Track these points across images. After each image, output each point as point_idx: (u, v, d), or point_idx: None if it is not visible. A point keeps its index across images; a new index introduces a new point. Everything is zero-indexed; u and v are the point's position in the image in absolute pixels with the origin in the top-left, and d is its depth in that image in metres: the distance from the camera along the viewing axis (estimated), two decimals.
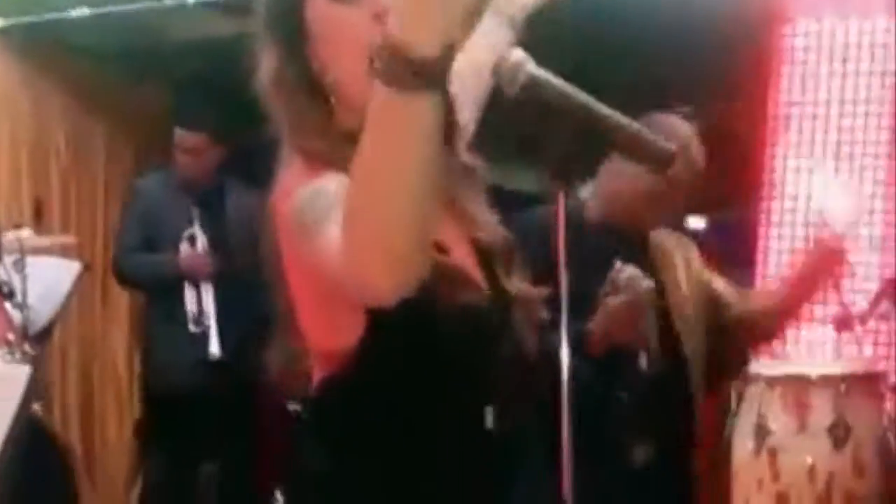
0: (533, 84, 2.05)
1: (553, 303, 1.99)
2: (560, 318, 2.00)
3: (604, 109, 2.05)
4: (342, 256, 1.55)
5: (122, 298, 7.49)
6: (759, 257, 6.48)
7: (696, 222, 11.43)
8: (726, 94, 7.26)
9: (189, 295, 5.86)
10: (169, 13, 6.68)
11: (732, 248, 7.26)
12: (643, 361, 3.32)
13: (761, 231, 6.50)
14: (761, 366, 4.44)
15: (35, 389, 1.58)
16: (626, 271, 3.28)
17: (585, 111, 2.04)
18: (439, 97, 1.47)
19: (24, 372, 1.53)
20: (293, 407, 5.66)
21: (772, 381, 4.25)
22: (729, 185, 7.24)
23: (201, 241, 5.93)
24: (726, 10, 6.21)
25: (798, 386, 4.20)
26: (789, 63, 6.56)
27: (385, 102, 1.45)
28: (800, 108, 6.50)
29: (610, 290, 3.26)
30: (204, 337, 5.84)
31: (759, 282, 6.37)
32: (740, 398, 4.32)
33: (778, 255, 6.42)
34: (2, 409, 1.52)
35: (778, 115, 6.56)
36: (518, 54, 2.09)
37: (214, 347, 5.85)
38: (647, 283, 3.31)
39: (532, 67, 2.08)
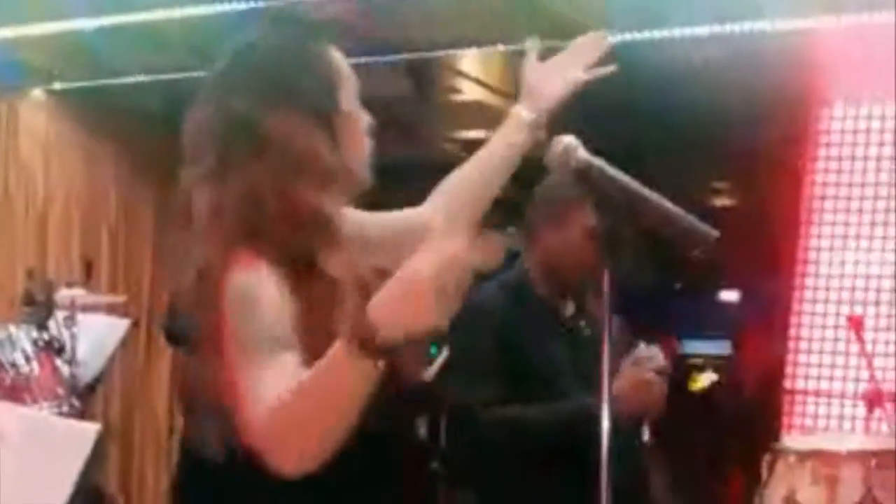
0: (584, 168, 2.20)
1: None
2: (602, 390, 2.10)
3: (648, 192, 2.19)
4: (264, 423, 1.79)
5: (165, 355, 7.65)
6: (793, 331, 6.55)
7: (728, 295, 11.53)
8: (765, 173, 7.36)
9: None
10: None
11: (766, 321, 7.35)
12: (645, 434, 3.35)
13: (795, 306, 6.58)
14: (792, 440, 4.51)
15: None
16: (647, 350, 3.30)
17: (632, 196, 2.17)
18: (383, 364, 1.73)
19: (92, 429, 1.60)
20: None
21: (802, 456, 4.30)
22: (765, 261, 7.34)
23: None
24: (766, 92, 6.32)
25: (828, 460, 4.26)
26: (826, 145, 6.67)
27: (345, 359, 1.72)
28: (835, 190, 6.60)
29: (632, 363, 3.27)
30: None
31: (791, 354, 6.46)
32: (770, 471, 4.38)
33: (810, 329, 6.49)
34: (68, 466, 1.59)
35: (814, 195, 6.66)
36: (570, 140, 2.24)
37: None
38: (664, 363, 3.33)
39: (583, 152, 2.22)
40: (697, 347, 9.72)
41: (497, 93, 7.32)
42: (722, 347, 9.33)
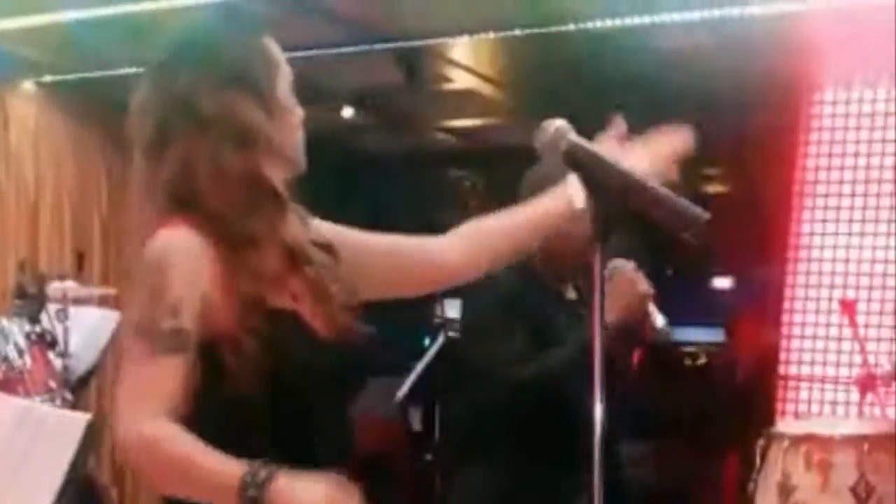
0: (573, 151, 2.20)
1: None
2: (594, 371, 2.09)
3: (639, 177, 2.19)
4: (134, 446, 1.88)
5: None
6: (786, 316, 6.56)
7: (721, 282, 11.51)
8: (756, 157, 7.37)
9: None
10: None
11: (760, 307, 7.36)
12: (657, 319, 3.37)
13: (788, 291, 6.59)
14: (786, 425, 4.52)
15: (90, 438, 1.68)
16: (620, 261, 3.36)
17: (622, 178, 2.17)
18: None
19: (82, 419, 1.61)
20: None
21: (795, 441, 4.32)
22: (757, 247, 7.35)
23: None
24: (758, 75, 6.31)
25: (821, 445, 4.27)
26: (818, 129, 6.67)
27: (228, 491, 1.85)
28: (826, 173, 6.61)
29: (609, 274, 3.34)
30: None
31: (784, 340, 6.48)
32: (764, 456, 4.39)
33: (803, 314, 6.50)
34: (59, 456, 1.59)
35: (805, 180, 6.67)
36: (560, 123, 2.24)
37: None
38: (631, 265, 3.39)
39: (573, 135, 2.22)
40: (690, 335, 9.70)
41: (488, 81, 7.32)
42: (716, 335, 9.33)
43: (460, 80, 7.26)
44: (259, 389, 1.96)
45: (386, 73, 6.80)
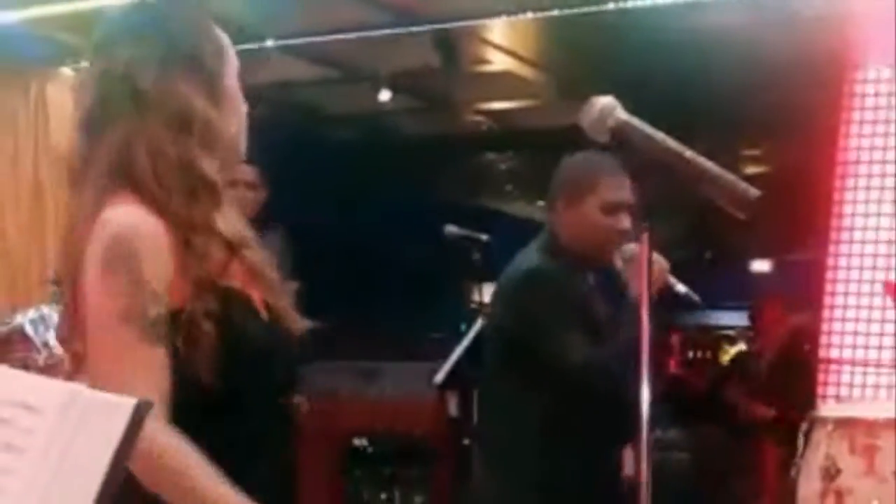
0: (622, 128, 2.16)
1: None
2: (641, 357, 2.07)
3: (688, 153, 2.15)
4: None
5: None
6: (827, 299, 6.49)
7: (760, 265, 11.47)
8: (796, 137, 7.30)
9: None
10: (247, 56, 6.86)
11: (801, 289, 7.31)
12: (679, 287, 3.42)
13: (829, 273, 6.52)
14: (829, 408, 4.47)
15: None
16: (626, 249, 3.43)
17: (672, 154, 2.14)
18: None
19: (128, 403, 1.59)
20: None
21: (839, 424, 4.27)
22: (798, 227, 7.29)
23: None
24: (797, 55, 6.25)
25: (866, 429, 4.22)
26: (859, 108, 6.59)
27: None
28: (868, 153, 6.53)
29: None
30: None
31: (826, 323, 6.41)
32: (807, 440, 4.34)
33: (845, 297, 6.43)
34: (105, 439, 1.57)
35: (847, 159, 6.59)
36: (607, 100, 2.20)
37: None
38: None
39: (621, 112, 2.19)
40: (728, 319, 9.68)
41: (526, 62, 7.27)
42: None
43: (498, 62, 7.22)
44: (215, 372, 1.94)
45: (423, 56, 6.78)
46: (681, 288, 3.38)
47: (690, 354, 10.20)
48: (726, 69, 6.71)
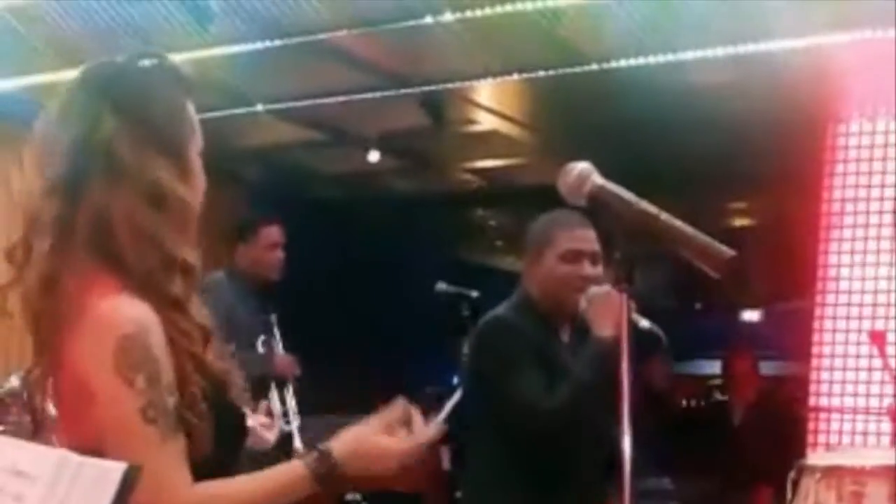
0: (598, 193, 2.25)
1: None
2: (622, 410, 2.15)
3: (664, 215, 2.24)
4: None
5: None
6: (815, 349, 6.57)
7: (750, 315, 11.56)
8: (782, 190, 7.39)
9: (275, 395, 5.98)
10: (238, 120, 7.00)
11: (788, 339, 7.38)
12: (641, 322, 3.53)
13: (816, 322, 6.60)
14: (817, 456, 4.52)
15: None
16: (598, 288, 3.54)
17: (647, 217, 2.23)
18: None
19: (118, 468, 1.65)
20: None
21: (827, 472, 4.32)
22: (785, 279, 7.37)
23: (278, 344, 6.07)
24: (782, 109, 6.35)
25: (853, 476, 4.28)
26: (843, 161, 6.70)
27: (302, 484, 2.03)
28: (853, 205, 6.63)
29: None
30: (290, 434, 5.94)
31: (814, 372, 6.48)
32: (795, 488, 4.40)
33: (832, 346, 6.50)
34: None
35: (831, 211, 6.69)
36: (583, 165, 2.29)
37: (297, 443, 5.95)
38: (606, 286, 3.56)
39: (597, 177, 2.28)
40: (717, 368, 9.72)
41: (513, 122, 7.38)
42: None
43: (485, 122, 7.33)
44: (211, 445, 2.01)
45: (411, 117, 6.89)
46: (644, 323, 3.44)
47: (683, 403, 10.25)
48: (711, 125, 6.80)
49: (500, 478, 3.62)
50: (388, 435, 2.09)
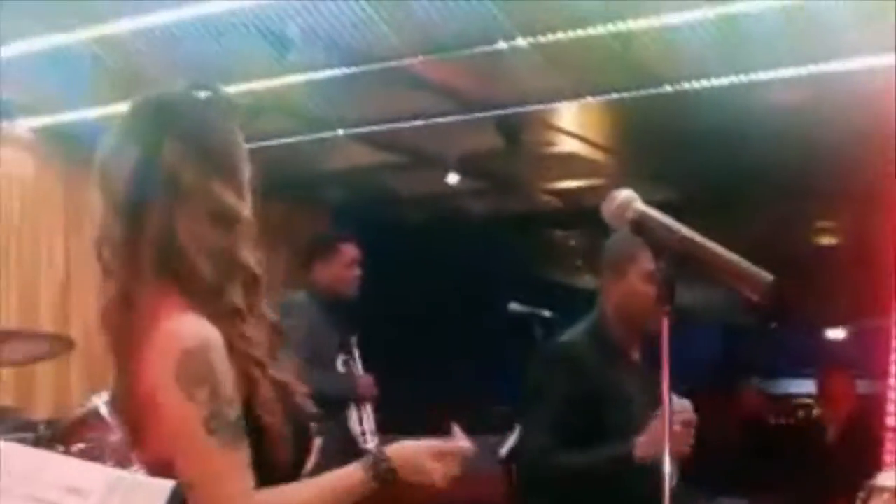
0: (640, 220, 2.33)
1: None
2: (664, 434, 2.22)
3: (705, 241, 2.31)
4: None
5: None
6: (893, 367, 6.51)
7: (834, 333, 11.48)
8: (862, 207, 7.37)
9: (354, 415, 6.08)
10: (319, 145, 7.17)
11: (871, 357, 7.33)
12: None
13: (895, 340, 6.54)
14: (885, 477, 4.50)
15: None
16: (676, 404, 3.35)
17: (688, 243, 2.30)
18: None
19: (167, 485, 1.74)
20: None
21: None
22: (869, 297, 7.32)
23: (358, 364, 6.18)
24: (859, 127, 6.34)
25: None
26: None
27: (359, 487, 2.17)
28: None
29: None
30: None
31: (891, 391, 6.43)
32: None
33: None
34: None
35: None
36: (626, 193, 2.37)
37: None
38: (691, 416, 3.47)
39: (639, 204, 2.35)
40: (805, 387, 9.70)
41: (589, 143, 7.46)
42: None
43: (562, 144, 7.42)
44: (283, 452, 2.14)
45: (488, 140, 7.00)
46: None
47: (772, 420, 10.23)
48: (789, 144, 6.81)
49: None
50: (438, 457, 2.24)
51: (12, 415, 5.66)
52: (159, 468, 2.05)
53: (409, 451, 2.22)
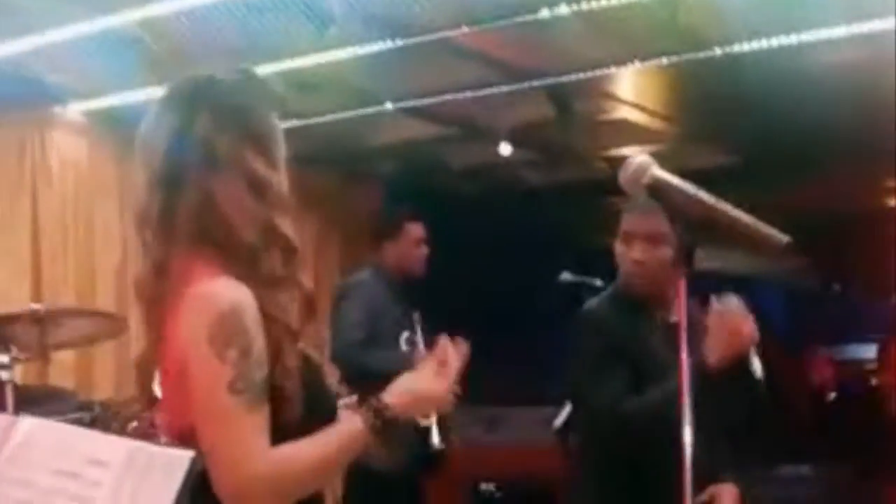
0: (655, 185, 2.30)
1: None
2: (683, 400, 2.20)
3: (722, 204, 2.28)
4: (251, 486, 2.04)
5: None
6: None
7: None
8: None
9: None
10: (369, 119, 7.18)
11: None
12: (756, 367, 3.38)
13: None
14: None
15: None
16: (722, 301, 3.34)
17: (705, 207, 2.27)
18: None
19: (186, 455, 1.77)
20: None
21: None
22: None
23: (421, 344, 6.12)
24: None
25: None
26: None
27: (362, 438, 2.15)
28: None
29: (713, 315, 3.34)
30: (427, 431, 6.00)
31: None
32: None
33: None
34: (165, 493, 1.76)
35: None
36: (642, 159, 2.35)
37: (436, 438, 6.01)
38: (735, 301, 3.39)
39: (656, 169, 2.33)
40: (872, 352, 9.58)
41: (641, 109, 7.40)
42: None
43: (614, 111, 7.36)
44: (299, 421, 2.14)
45: (539, 109, 6.97)
46: (758, 371, 3.27)
47: (835, 391, 10.11)
48: (846, 104, 6.71)
49: (597, 481, 3.63)
50: (436, 375, 2.27)
51: (69, 397, 5.73)
52: (182, 434, 2.09)
53: (402, 387, 2.24)
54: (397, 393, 2.21)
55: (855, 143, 7.46)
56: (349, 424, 2.17)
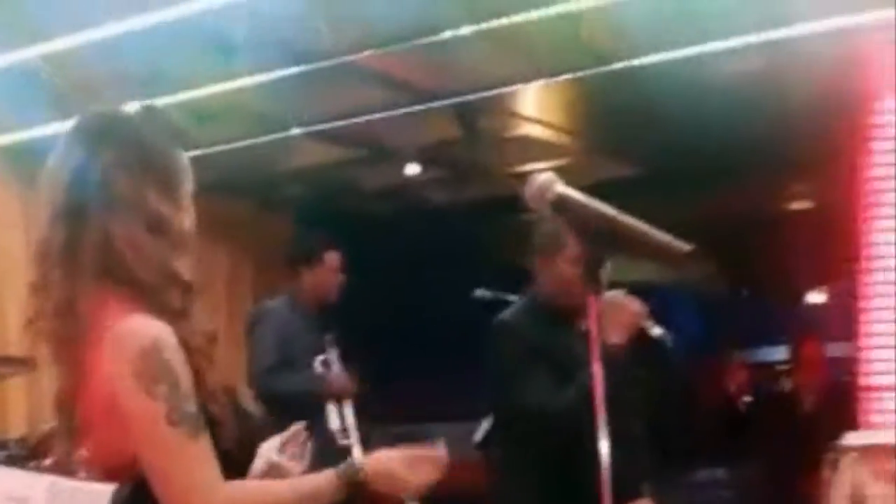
0: (559, 201, 2.34)
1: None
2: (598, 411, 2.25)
3: (624, 218, 2.33)
4: None
5: None
6: (863, 328, 6.55)
7: (815, 297, 11.55)
8: (830, 171, 7.38)
9: (333, 412, 6.15)
10: (276, 145, 7.18)
11: (842, 321, 7.36)
12: (655, 330, 3.61)
13: (862, 301, 6.58)
14: (853, 437, 4.56)
15: None
16: (610, 295, 3.57)
17: (607, 220, 2.32)
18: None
19: (106, 490, 1.77)
20: None
21: (863, 452, 4.37)
22: (834, 260, 7.35)
23: (336, 364, 6.19)
24: (819, 89, 6.35)
25: (889, 454, 4.32)
26: (881, 138, 6.67)
27: (330, 490, 2.19)
28: (893, 182, 6.60)
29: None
30: (348, 450, 6.03)
31: (862, 352, 6.47)
32: (834, 469, 4.44)
33: (877, 324, 6.49)
34: None
35: (872, 188, 6.67)
36: (545, 176, 2.39)
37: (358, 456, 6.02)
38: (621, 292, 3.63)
39: (559, 186, 2.37)
40: (782, 354, 9.74)
41: (547, 126, 7.47)
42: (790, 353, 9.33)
43: (520, 128, 7.43)
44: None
45: (446, 129, 7.02)
46: (656, 331, 3.60)
47: (749, 394, 10.26)
48: (749, 114, 6.80)
49: (518, 482, 3.70)
50: (412, 466, 2.27)
51: None
52: (113, 468, 2.11)
53: (383, 461, 2.26)
54: (376, 461, 2.26)
55: (759, 150, 7.58)
56: (321, 475, 2.22)
